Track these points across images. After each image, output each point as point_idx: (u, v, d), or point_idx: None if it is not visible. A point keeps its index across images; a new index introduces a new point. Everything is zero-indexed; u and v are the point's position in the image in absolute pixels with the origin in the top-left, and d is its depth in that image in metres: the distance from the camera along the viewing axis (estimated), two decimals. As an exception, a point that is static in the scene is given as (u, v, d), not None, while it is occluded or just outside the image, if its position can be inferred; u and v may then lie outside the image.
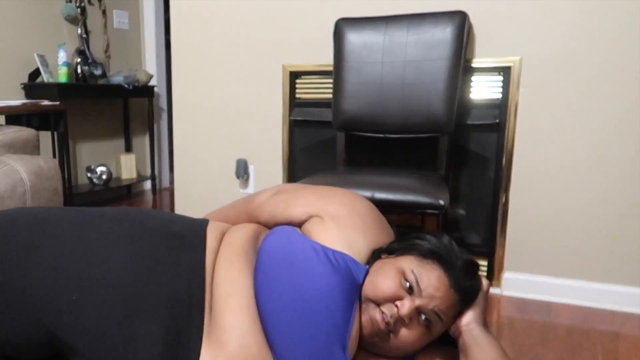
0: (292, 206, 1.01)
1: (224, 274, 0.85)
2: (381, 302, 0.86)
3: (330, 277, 0.82)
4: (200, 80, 2.28)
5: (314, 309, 0.80)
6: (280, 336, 0.79)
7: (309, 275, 0.82)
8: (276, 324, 0.80)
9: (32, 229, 0.81)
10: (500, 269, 1.92)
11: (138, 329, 0.76)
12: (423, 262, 0.89)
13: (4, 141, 1.57)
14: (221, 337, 0.78)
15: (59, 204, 1.60)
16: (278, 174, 2.21)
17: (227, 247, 0.90)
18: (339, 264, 0.85)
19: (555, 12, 1.72)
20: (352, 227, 0.94)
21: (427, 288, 0.86)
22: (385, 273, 0.88)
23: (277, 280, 0.82)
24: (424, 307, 0.86)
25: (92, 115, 3.40)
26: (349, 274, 0.85)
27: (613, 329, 1.62)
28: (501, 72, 1.82)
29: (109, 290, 0.77)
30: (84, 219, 0.86)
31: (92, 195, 3.37)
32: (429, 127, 1.73)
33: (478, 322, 0.89)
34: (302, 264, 0.83)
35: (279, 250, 0.87)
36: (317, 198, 1.00)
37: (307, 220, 0.97)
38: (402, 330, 0.86)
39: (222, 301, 0.81)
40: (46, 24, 3.07)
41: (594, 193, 1.77)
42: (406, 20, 1.75)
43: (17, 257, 0.78)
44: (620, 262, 1.77)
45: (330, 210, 0.96)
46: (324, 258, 0.85)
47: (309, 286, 0.81)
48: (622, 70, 1.68)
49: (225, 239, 0.93)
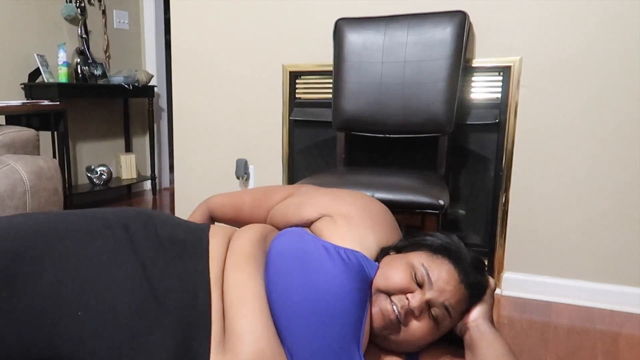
0: (304, 207, 1.02)
1: (233, 279, 0.83)
2: (392, 293, 0.86)
3: (343, 275, 0.82)
4: (200, 80, 2.28)
5: (327, 309, 0.79)
6: (295, 337, 0.79)
7: (322, 274, 0.82)
8: (290, 325, 0.79)
9: (37, 240, 0.78)
10: (500, 269, 1.92)
11: (145, 340, 0.74)
12: (433, 257, 0.90)
13: (4, 141, 1.57)
14: (234, 344, 0.77)
15: (59, 204, 1.60)
16: (278, 174, 2.21)
17: (234, 252, 0.89)
18: (351, 262, 0.85)
19: (555, 12, 1.72)
20: (363, 225, 0.95)
21: (438, 281, 0.86)
22: (396, 266, 0.89)
23: (289, 280, 0.82)
24: (434, 301, 0.86)
25: (92, 115, 3.40)
26: (361, 271, 0.86)
27: (613, 329, 1.62)
28: (501, 72, 1.82)
29: (115, 305, 0.75)
30: (89, 229, 0.83)
31: (92, 195, 3.37)
32: (429, 127, 1.73)
33: (485, 318, 0.89)
34: (314, 263, 0.83)
35: (290, 250, 0.86)
36: (331, 199, 1.02)
37: (319, 219, 0.99)
38: (411, 322, 0.86)
39: (233, 307, 0.80)
40: (46, 24, 3.07)
41: (594, 193, 1.77)
42: (406, 20, 1.75)
43: (22, 271, 0.74)
44: (620, 262, 1.77)
45: (342, 210, 0.97)
46: (336, 256, 0.85)
47: (322, 285, 0.81)
48: (622, 70, 1.68)
49: (231, 243, 0.92)
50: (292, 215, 1.03)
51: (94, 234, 0.82)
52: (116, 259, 0.79)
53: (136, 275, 0.79)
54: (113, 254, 0.80)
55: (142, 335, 0.74)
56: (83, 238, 0.80)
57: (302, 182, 1.56)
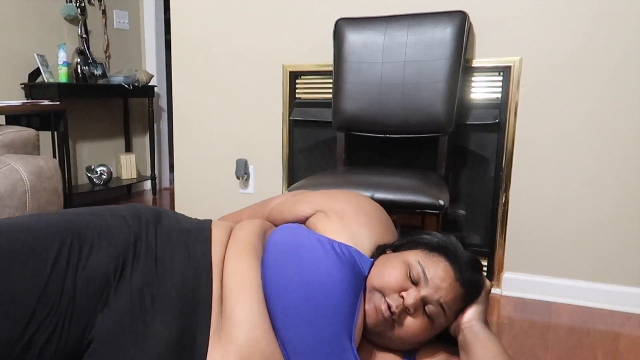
0: (300, 204, 1.05)
1: (233, 267, 0.86)
2: (387, 293, 0.87)
3: (336, 268, 0.83)
4: (200, 80, 2.28)
5: (320, 299, 0.81)
6: (288, 327, 0.80)
7: (315, 266, 0.83)
8: (283, 316, 0.80)
9: (47, 237, 0.78)
10: (500, 269, 1.92)
11: (151, 324, 0.76)
12: (429, 254, 0.91)
13: (4, 141, 1.57)
14: (231, 330, 0.78)
15: (59, 204, 1.60)
16: (278, 174, 2.21)
17: (236, 241, 0.91)
18: (344, 255, 0.87)
19: (555, 12, 1.72)
20: (356, 222, 0.97)
21: (433, 278, 0.87)
22: (391, 264, 0.89)
23: (283, 272, 0.83)
24: (429, 298, 0.86)
25: (92, 115, 3.40)
26: (354, 265, 0.87)
27: (613, 329, 1.62)
28: (501, 72, 1.82)
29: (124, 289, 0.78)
30: (100, 227, 0.84)
31: (92, 195, 3.37)
32: (429, 127, 1.73)
33: (479, 319, 0.90)
34: (308, 256, 0.85)
35: (285, 243, 0.88)
36: (325, 197, 1.04)
37: (313, 215, 1.01)
38: (406, 320, 0.87)
39: (232, 294, 0.82)
40: (46, 24, 3.07)
41: (594, 193, 1.77)
42: (406, 20, 1.75)
43: (31, 266, 0.74)
44: (620, 262, 1.77)
45: (336, 207, 0.99)
46: (330, 250, 0.86)
47: (316, 277, 0.82)
48: (622, 70, 1.68)
49: (233, 233, 0.95)
50: (288, 213, 1.06)
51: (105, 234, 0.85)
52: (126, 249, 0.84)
53: (145, 264, 0.82)
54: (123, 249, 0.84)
55: (148, 321, 0.76)
56: (99, 233, 0.84)
57: (301, 182, 1.56)
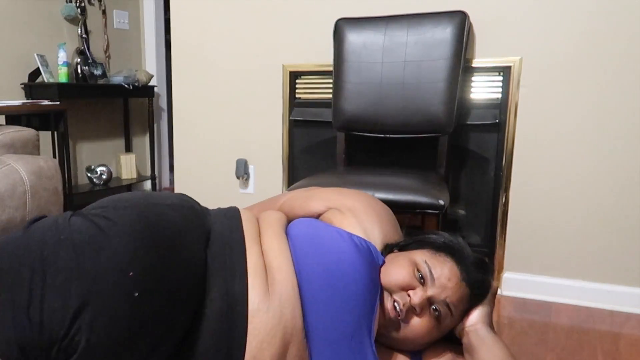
0: (312, 200, 1.06)
1: (269, 239, 0.87)
2: (394, 291, 0.87)
3: (356, 257, 0.84)
4: (200, 80, 2.28)
5: (343, 289, 0.81)
6: (311, 317, 0.80)
7: (336, 254, 0.84)
8: (307, 303, 0.80)
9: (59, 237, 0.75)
10: (500, 269, 1.92)
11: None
12: (436, 254, 0.91)
13: (4, 141, 1.57)
14: (272, 281, 0.80)
15: (59, 204, 1.60)
16: (278, 174, 2.21)
17: (266, 220, 0.93)
18: (362, 246, 0.87)
19: (555, 12, 1.72)
20: (369, 219, 0.98)
21: (440, 278, 0.87)
22: (398, 263, 0.90)
23: (305, 260, 0.84)
24: (435, 298, 0.86)
25: (92, 115, 3.40)
26: (371, 257, 0.88)
27: (613, 329, 1.62)
28: (501, 72, 1.81)
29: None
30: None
31: (92, 195, 3.37)
32: (429, 127, 1.73)
33: (485, 323, 0.89)
34: (329, 246, 0.86)
35: (306, 235, 0.89)
36: (337, 194, 1.05)
37: (326, 212, 1.02)
38: (412, 320, 0.87)
39: (272, 252, 0.84)
40: (46, 24, 3.07)
41: (594, 193, 1.77)
42: (406, 20, 1.75)
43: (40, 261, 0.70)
44: (620, 262, 1.77)
45: (348, 204, 1.00)
46: (349, 240, 0.87)
47: (338, 267, 0.82)
48: (622, 70, 1.68)
49: (261, 217, 0.96)
50: (299, 208, 1.06)
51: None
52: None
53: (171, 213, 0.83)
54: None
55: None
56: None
57: (301, 182, 1.56)
